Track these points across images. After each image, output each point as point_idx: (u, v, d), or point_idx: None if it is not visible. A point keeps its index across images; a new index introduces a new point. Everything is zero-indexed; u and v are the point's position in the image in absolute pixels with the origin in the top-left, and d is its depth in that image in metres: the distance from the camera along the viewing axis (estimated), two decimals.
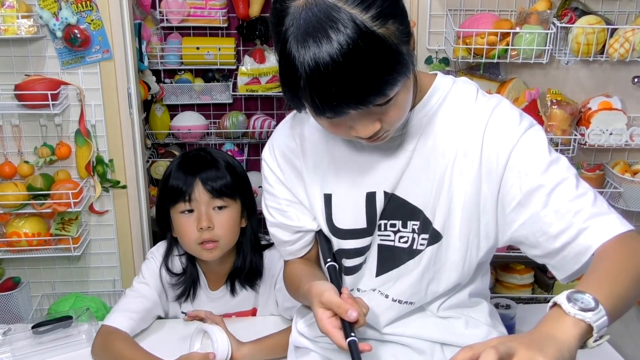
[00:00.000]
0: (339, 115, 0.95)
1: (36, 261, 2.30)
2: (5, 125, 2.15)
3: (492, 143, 1.09)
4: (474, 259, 1.17)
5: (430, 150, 1.13)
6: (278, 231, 1.27)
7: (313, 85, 0.92)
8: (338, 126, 1.01)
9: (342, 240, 1.20)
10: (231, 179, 1.57)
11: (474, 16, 2.11)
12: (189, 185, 1.53)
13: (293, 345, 1.37)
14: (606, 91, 2.26)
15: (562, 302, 0.85)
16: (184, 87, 2.71)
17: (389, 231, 1.18)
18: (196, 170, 1.55)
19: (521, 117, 1.11)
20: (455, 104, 1.13)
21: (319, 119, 1.01)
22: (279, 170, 1.23)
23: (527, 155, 1.07)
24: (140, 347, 1.46)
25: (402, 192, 1.15)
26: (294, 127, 1.23)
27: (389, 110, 0.99)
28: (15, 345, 1.48)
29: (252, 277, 1.63)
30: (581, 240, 1.01)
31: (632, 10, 2.19)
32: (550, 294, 2.36)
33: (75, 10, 2.05)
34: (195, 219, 1.53)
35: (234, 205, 1.57)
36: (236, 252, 1.63)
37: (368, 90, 0.92)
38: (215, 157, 1.60)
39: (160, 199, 1.61)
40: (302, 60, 0.91)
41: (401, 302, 1.20)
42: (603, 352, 1.48)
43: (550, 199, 1.04)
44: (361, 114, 0.97)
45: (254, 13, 2.62)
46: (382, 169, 1.15)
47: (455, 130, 1.12)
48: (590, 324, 0.83)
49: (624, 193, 2.24)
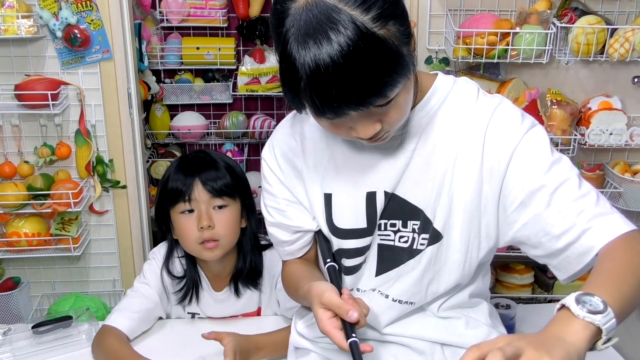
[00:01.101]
0: (340, 116, 0.95)
1: (36, 261, 2.30)
2: (5, 125, 2.15)
3: (494, 142, 1.09)
4: (475, 259, 1.16)
5: (431, 149, 1.13)
6: (277, 231, 1.27)
7: (313, 86, 0.92)
8: (339, 127, 1.01)
9: (342, 240, 1.20)
10: (231, 178, 1.57)
11: (474, 16, 2.11)
12: (188, 186, 1.54)
13: (293, 346, 1.37)
14: (606, 91, 2.26)
15: (571, 304, 0.85)
16: (184, 87, 2.71)
17: (389, 231, 1.18)
18: (195, 170, 1.55)
19: (523, 117, 1.11)
20: (456, 104, 1.13)
21: (319, 120, 1.01)
22: (279, 169, 1.23)
23: (530, 155, 1.07)
24: (130, 346, 1.48)
25: (402, 192, 1.15)
26: (294, 127, 1.23)
27: (389, 111, 0.99)
28: (15, 345, 1.48)
29: (254, 276, 1.63)
30: (584, 240, 1.01)
31: (632, 10, 2.19)
32: (550, 294, 2.36)
33: (75, 10, 2.05)
34: (196, 218, 1.53)
35: (234, 204, 1.58)
36: (237, 252, 1.63)
37: (368, 92, 0.92)
38: (214, 157, 1.61)
39: (160, 201, 1.61)
40: (303, 61, 0.91)
41: (401, 302, 1.20)
42: (603, 352, 1.48)
43: (553, 199, 1.04)
44: (361, 115, 0.97)
45: (254, 13, 2.62)
46: (383, 169, 1.15)
47: (456, 130, 1.12)
48: (599, 326, 0.83)
49: (624, 193, 2.24)
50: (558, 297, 2.28)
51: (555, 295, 2.35)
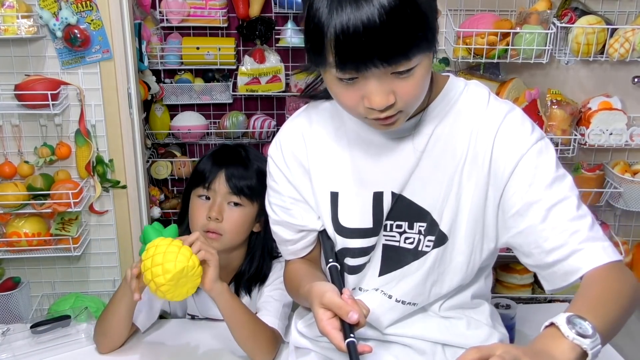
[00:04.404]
0: (360, 71, 0.95)
1: (36, 261, 2.29)
2: (5, 125, 2.15)
3: (502, 148, 1.09)
4: (478, 261, 1.17)
5: (441, 152, 1.12)
6: (281, 229, 1.27)
7: (340, 36, 0.91)
8: (352, 95, 1.00)
9: (347, 239, 1.19)
10: (257, 182, 1.57)
11: (474, 16, 2.11)
12: (213, 174, 1.57)
13: (293, 346, 1.37)
14: (606, 91, 2.26)
15: (561, 325, 0.87)
16: (184, 87, 2.71)
17: (395, 232, 1.17)
18: (225, 162, 1.59)
19: (533, 128, 1.11)
20: (467, 107, 1.13)
21: (335, 84, 1.00)
22: (286, 167, 1.22)
23: (535, 167, 1.08)
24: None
25: (409, 193, 1.15)
26: (302, 124, 1.23)
27: (406, 84, 0.98)
28: (14, 345, 1.48)
29: (258, 281, 1.63)
30: (573, 260, 1.03)
31: (632, 10, 2.19)
32: (550, 294, 2.36)
33: (75, 10, 2.05)
34: (208, 207, 1.56)
35: (250, 207, 1.58)
36: (245, 255, 1.63)
37: (394, 49, 0.92)
38: (249, 157, 1.63)
39: (189, 181, 1.66)
40: (332, 10, 0.91)
41: (405, 303, 1.20)
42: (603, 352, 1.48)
43: (550, 214, 1.05)
44: (379, 80, 0.97)
45: (254, 13, 2.62)
46: (391, 169, 1.14)
47: (466, 133, 1.12)
48: (586, 350, 0.86)
49: (624, 193, 2.24)
50: (558, 297, 2.28)
51: (555, 295, 2.34)
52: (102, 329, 1.47)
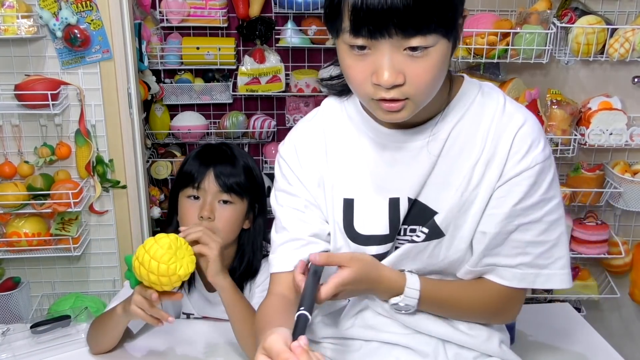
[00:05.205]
0: (374, 37, 0.94)
1: (36, 261, 2.30)
2: (5, 125, 2.15)
3: (514, 156, 1.09)
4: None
5: (456, 155, 1.11)
6: (287, 235, 1.20)
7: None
8: (362, 68, 0.99)
9: (362, 246, 1.16)
10: (245, 178, 1.58)
11: (474, 16, 2.11)
12: (201, 174, 1.57)
13: None
14: (606, 91, 2.26)
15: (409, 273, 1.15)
16: (184, 87, 2.71)
17: (408, 236, 1.16)
18: (213, 161, 1.58)
19: (545, 145, 1.11)
20: (482, 111, 1.12)
21: (347, 55, 0.99)
22: (300, 169, 1.20)
23: (529, 184, 1.09)
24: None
25: (424, 198, 1.14)
26: (317, 129, 1.21)
27: (417, 66, 0.96)
28: (14, 345, 1.48)
29: (249, 276, 1.63)
30: (491, 274, 1.16)
31: (632, 10, 2.19)
32: (550, 294, 2.36)
33: (75, 10, 2.05)
34: (199, 206, 1.55)
35: (240, 204, 1.58)
36: (235, 253, 1.63)
37: (411, 17, 0.91)
38: (235, 153, 1.63)
39: (174, 183, 1.65)
40: None
41: None
42: (603, 353, 1.48)
43: (517, 230, 1.11)
44: (391, 55, 0.95)
45: (254, 13, 2.62)
46: (407, 175, 1.13)
47: (481, 137, 1.11)
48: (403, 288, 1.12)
49: (624, 193, 2.24)
50: (558, 297, 2.28)
51: (555, 295, 2.35)
52: (95, 340, 1.48)
